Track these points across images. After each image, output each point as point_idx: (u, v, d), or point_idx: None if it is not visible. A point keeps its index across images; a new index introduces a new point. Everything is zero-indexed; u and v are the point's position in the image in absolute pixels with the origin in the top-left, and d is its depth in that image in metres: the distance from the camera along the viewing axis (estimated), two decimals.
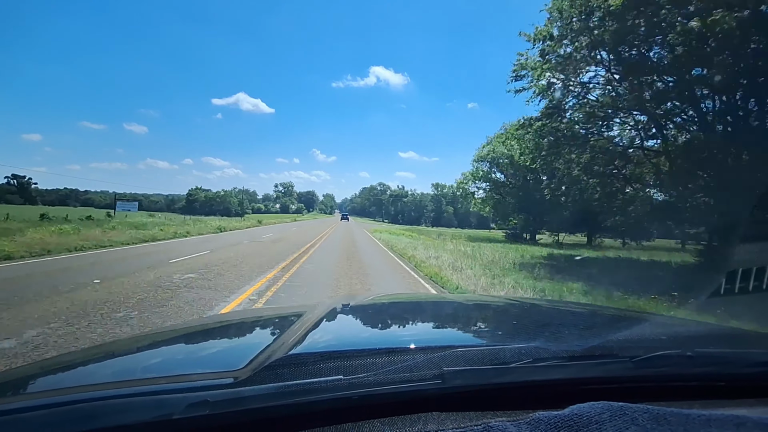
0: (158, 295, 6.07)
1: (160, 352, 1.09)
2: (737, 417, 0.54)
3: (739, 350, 0.97)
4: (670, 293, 7.55)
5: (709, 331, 1.33)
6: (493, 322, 1.41)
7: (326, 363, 0.71)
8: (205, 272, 8.43)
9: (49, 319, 4.57)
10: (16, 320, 4.48)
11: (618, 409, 0.53)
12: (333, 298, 4.64)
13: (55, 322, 4.47)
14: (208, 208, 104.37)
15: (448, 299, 2.59)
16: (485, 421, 0.57)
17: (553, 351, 0.76)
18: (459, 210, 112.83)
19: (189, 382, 0.71)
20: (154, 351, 1.09)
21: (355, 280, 8.46)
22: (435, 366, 0.67)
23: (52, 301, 5.38)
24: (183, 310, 5.25)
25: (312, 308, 1.37)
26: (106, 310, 5.05)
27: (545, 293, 7.72)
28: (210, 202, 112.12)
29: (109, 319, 4.69)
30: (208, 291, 6.54)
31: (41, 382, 0.83)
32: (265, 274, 8.64)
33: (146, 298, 5.81)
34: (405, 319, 1.44)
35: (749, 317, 5.41)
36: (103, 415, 0.56)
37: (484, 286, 8.34)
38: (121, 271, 8.10)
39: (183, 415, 0.55)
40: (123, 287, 6.49)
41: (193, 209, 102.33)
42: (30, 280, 6.88)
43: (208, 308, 5.51)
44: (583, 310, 1.78)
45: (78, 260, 9.72)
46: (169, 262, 9.77)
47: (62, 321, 4.52)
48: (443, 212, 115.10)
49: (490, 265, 12.31)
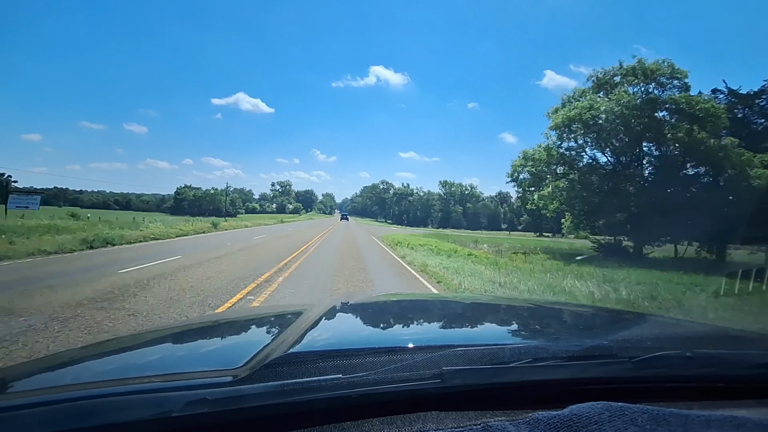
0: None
1: (159, 349, 1.08)
2: (736, 418, 0.54)
3: (739, 351, 0.96)
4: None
5: (708, 331, 1.33)
6: (493, 321, 1.41)
7: (326, 362, 0.71)
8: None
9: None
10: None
11: (617, 409, 0.53)
12: (333, 296, 4.01)
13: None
14: (197, 208, 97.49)
15: (448, 299, 2.60)
16: (484, 420, 0.57)
17: (552, 351, 0.76)
18: (468, 210, 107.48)
19: (188, 380, 0.71)
20: (153, 348, 1.09)
21: None
22: (434, 365, 0.67)
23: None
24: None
25: (311, 307, 1.38)
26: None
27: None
28: (199, 201, 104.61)
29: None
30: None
31: (39, 380, 0.82)
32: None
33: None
34: (404, 318, 1.43)
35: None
36: (101, 412, 0.55)
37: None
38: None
39: (182, 413, 0.55)
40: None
41: (182, 209, 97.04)
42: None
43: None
44: (582, 311, 1.79)
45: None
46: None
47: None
48: (452, 212, 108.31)
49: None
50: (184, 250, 12.86)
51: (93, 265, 8.95)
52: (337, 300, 1.54)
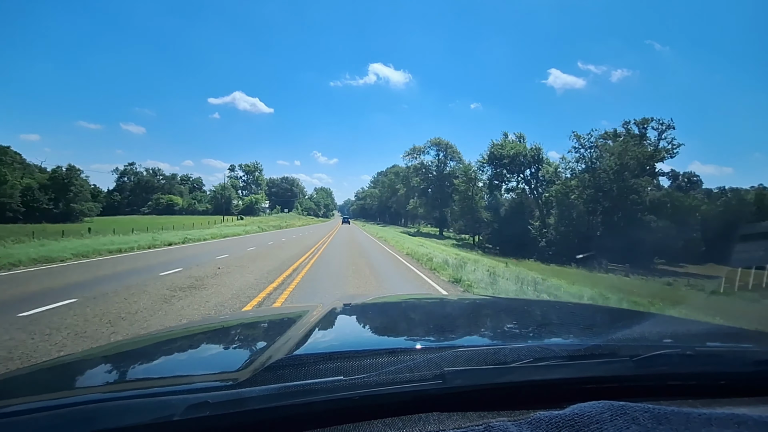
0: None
1: (160, 353, 1.08)
2: (738, 416, 0.54)
3: (740, 349, 0.96)
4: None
5: (709, 329, 1.33)
6: (494, 321, 1.40)
7: (327, 363, 0.70)
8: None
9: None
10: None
11: (619, 408, 0.53)
12: (333, 298, 3.01)
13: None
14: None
15: (449, 299, 2.59)
16: (486, 421, 0.57)
17: (553, 350, 0.76)
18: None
19: (189, 383, 0.71)
20: (154, 352, 1.09)
21: None
22: (435, 366, 0.67)
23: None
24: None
25: (312, 309, 1.37)
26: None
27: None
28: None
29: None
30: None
31: (40, 384, 0.82)
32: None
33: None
34: (405, 319, 1.43)
35: None
36: (102, 417, 0.55)
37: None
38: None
39: (183, 417, 0.55)
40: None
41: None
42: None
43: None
44: (583, 310, 1.78)
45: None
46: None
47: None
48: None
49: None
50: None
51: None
52: (338, 301, 1.56)
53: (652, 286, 20.94)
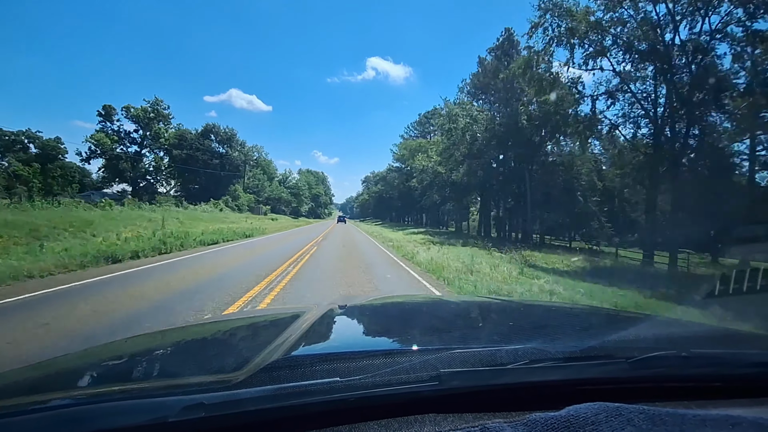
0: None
1: (155, 354, 1.07)
2: (732, 417, 0.54)
3: (735, 351, 0.96)
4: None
5: (704, 331, 1.33)
6: (490, 323, 1.40)
7: (323, 365, 0.70)
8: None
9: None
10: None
11: (614, 409, 0.53)
12: (330, 300, 3.14)
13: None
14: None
15: (445, 300, 2.58)
16: (482, 422, 0.57)
17: (549, 352, 0.76)
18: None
19: (184, 384, 0.71)
20: (149, 353, 1.08)
21: None
22: (432, 367, 0.67)
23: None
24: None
25: (309, 310, 1.37)
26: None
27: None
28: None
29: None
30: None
31: (34, 385, 0.81)
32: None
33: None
34: (402, 321, 1.42)
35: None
36: (96, 418, 0.55)
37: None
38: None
39: (178, 418, 0.54)
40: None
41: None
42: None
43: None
44: (579, 311, 1.78)
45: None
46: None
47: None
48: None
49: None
50: None
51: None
52: (334, 303, 1.55)
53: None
